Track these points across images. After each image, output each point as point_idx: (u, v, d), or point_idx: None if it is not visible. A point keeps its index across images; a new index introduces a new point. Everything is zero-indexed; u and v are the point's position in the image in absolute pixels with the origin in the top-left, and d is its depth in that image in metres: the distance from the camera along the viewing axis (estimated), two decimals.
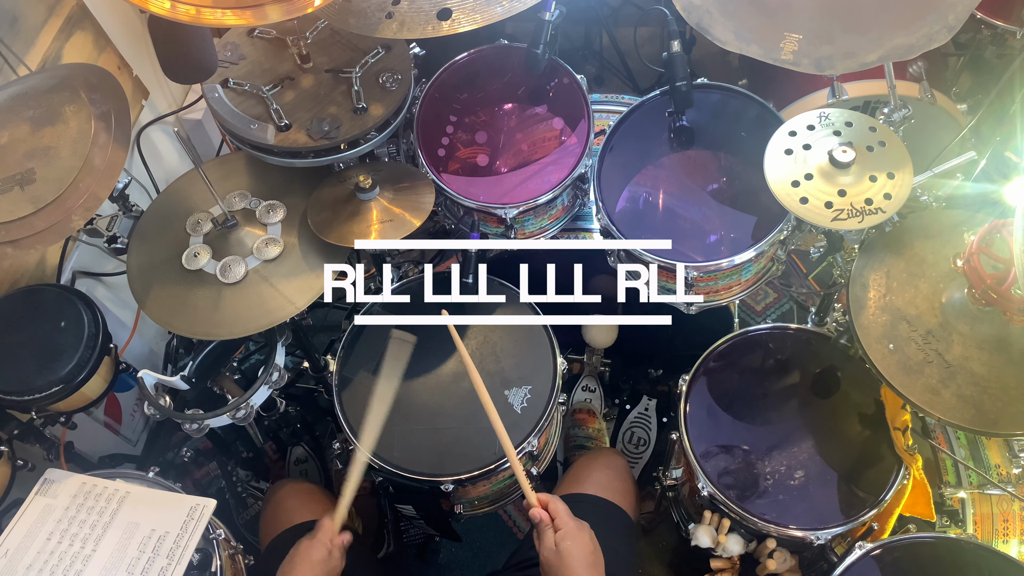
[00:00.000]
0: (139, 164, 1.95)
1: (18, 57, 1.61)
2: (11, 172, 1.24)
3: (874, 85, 1.62)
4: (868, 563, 1.30)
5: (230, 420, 1.49)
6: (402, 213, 1.45)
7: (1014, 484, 1.47)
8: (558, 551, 1.11)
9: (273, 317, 1.42)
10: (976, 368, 1.23)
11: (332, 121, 1.50)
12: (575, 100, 1.64)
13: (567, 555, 1.11)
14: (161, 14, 1.10)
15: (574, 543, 1.12)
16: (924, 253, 1.35)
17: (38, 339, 1.41)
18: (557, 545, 1.12)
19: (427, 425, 1.49)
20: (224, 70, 1.57)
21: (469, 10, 1.39)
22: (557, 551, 1.11)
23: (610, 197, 1.56)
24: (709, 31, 1.31)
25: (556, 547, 1.12)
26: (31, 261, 1.68)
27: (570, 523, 1.15)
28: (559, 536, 1.13)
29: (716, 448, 1.48)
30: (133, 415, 2.03)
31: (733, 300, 1.59)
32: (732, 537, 1.44)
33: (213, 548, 1.32)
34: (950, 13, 1.19)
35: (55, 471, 1.35)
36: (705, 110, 1.61)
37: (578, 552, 1.11)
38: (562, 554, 1.11)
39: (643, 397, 2.10)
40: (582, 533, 1.14)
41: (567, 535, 1.13)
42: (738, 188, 1.54)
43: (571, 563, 1.10)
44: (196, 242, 1.49)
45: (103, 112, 1.28)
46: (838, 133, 1.32)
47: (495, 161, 1.65)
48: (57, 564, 1.23)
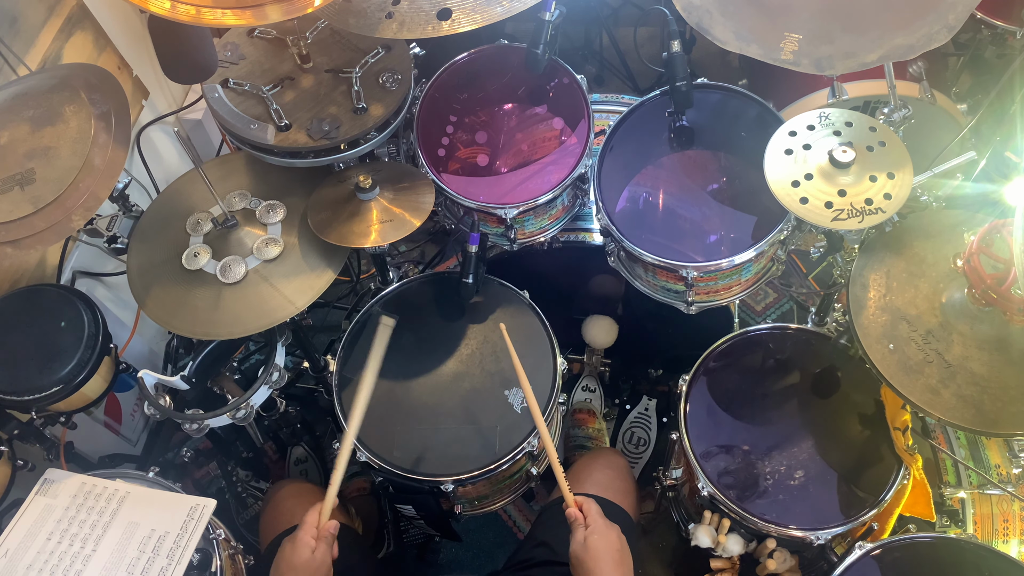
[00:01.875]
0: (139, 164, 1.95)
1: (18, 57, 1.61)
2: (11, 172, 1.24)
3: (874, 85, 1.62)
4: (868, 563, 1.30)
5: (230, 420, 1.49)
6: (402, 213, 1.45)
7: (1014, 484, 1.47)
8: (586, 546, 1.17)
9: (273, 317, 1.42)
10: (976, 368, 1.23)
11: (332, 121, 1.50)
12: (575, 100, 1.64)
13: (594, 550, 1.16)
14: (161, 14, 1.10)
15: (602, 539, 1.17)
16: (924, 253, 1.35)
17: (38, 339, 1.41)
18: (586, 540, 1.17)
19: (427, 425, 1.49)
20: (224, 70, 1.57)
21: (469, 10, 1.39)
22: (585, 546, 1.17)
23: (610, 197, 1.56)
24: (709, 31, 1.31)
25: (585, 542, 1.17)
26: (31, 261, 1.68)
27: (600, 522, 1.20)
28: (588, 532, 1.18)
29: (716, 448, 1.48)
30: (133, 415, 2.03)
31: (733, 300, 1.59)
32: (732, 537, 1.44)
33: (213, 548, 1.32)
34: (950, 13, 1.19)
35: (55, 471, 1.35)
36: (705, 110, 1.61)
37: (605, 548, 1.17)
38: (589, 549, 1.16)
39: (643, 397, 2.10)
40: (610, 532, 1.19)
41: (595, 531, 1.18)
42: (738, 188, 1.54)
43: (598, 558, 1.15)
44: (196, 242, 1.49)
45: (103, 112, 1.28)
46: (838, 133, 1.32)
47: (495, 161, 1.65)
48: (57, 564, 1.23)
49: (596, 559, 1.15)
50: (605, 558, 1.16)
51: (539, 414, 1.33)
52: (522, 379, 1.35)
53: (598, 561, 1.15)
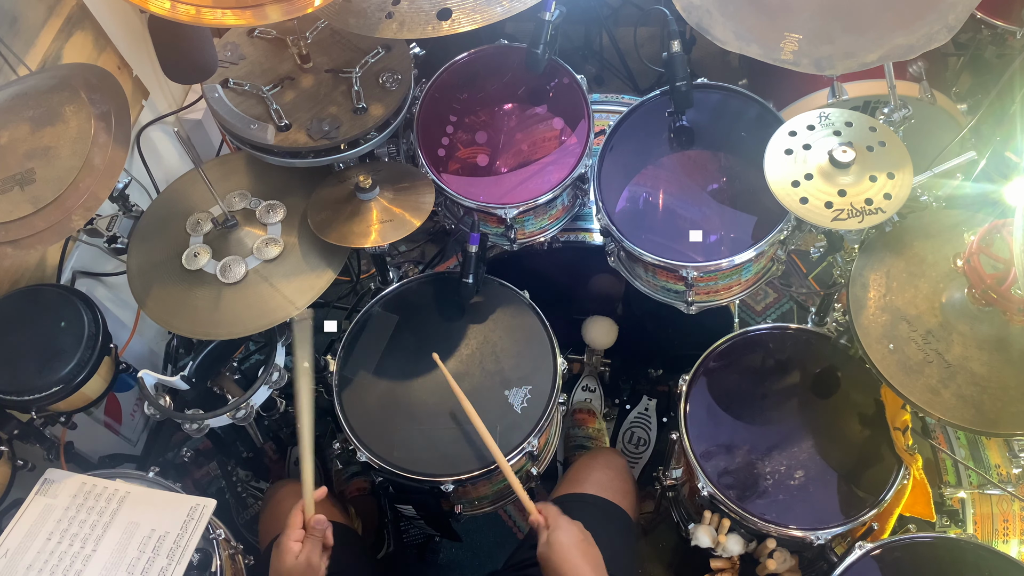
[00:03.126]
0: (139, 164, 1.95)
1: (18, 57, 1.61)
2: (11, 172, 1.24)
3: (874, 85, 1.62)
4: (868, 563, 1.30)
5: (230, 420, 1.49)
6: (402, 213, 1.45)
7: (1014, 484, 1.47)
8: (550, 543, 1.20)
9: (273, 317, 1.42)
10: (976, 368, 1.23)
11: (332, 121, 1.50)
12: (575, 100, 1.64)
13: (557, 544, 1.19)
14: (161, 14, 1.10)
15: (564, 533, 1.21)
16: (924, 253, 1.35)
17: (38, 339, 1.41)
18: (549, 539, 1.20)
19: (427, 425, 1.49)
20: (224, 70, 1.57)
21: (469, 10, 1.39)
22: (549, 543, 1.20)
23: (610, 197, 1.56)
24: (709, 31, 1.31)
25: (548, 541, 1.20)
26: (31, 261, 1.68)
27: (560, 519, 1.23)
28: (550, 531, 1.21)
29: (716, 448, 1.48)
30: (133, 415, 2.03)
31: (733, 300, 1.59)
32: (732, 537, 1.44)
33: (213, 548, 1.32)
34: (950, 13, 1.19)
35: (55, 471, 1.35)
36: (705, 110, 1.61)
37: (568, 540, 1.20)
38: (553, 545, 1.19)
39: (643, 397, 2.10)
40: (572, 526, 1.23)
41: (557, 527, 1.21)
42: (738, 188, 1.54)
43: (562, 551, 1.18)
44: (196, 242, 1.49)
45: (103, 112, 1.28)
46: (838, 133, 1.32)
47: (495, 161, 1.65)
48: (57, 564, 1.23)
49: (561, 554, 1.18)
50: (571, 551, 1.18)
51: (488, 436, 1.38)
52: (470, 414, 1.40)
53: (564, 555, 1.18)
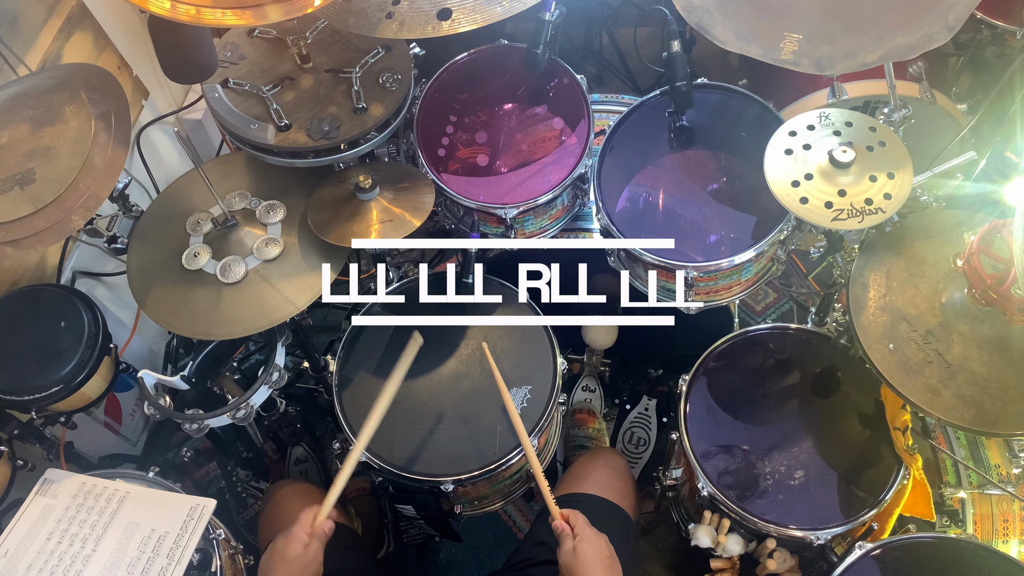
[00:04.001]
0: (139, 164, 1.95)
1: (18, 57, 1.61)
2: (11, 172, 1.24)
3: (874, 85, 1.62)
4: (868, 563, 1.30)
5: (230, 420, 1.49)
6: (402, 213, 1.45)
7: (1014, 484, 1.47)
8: (575, 553, 1.17)
9: (273, 317, 1.42)
10: (976, 368, 1.23)
11: (332, 121, 1.50)
12: (575, 100, 1.64)
13: (583, 556, 1.16)
14: (161, 14, 1.10)
15: (591, 546, 1.18)
16: (924, 253, 1.35)
17: (38, 339, 1.41)
18: (575, 548, 1.17)
19: (427, 425, 1.49)
20: (224, 70, 1.57)
21: (469, 10, 1.39)
22: (574, 553, 1.17)
23: (610, 197, 1.56)
24: (709, 31, 1.31)
25: (574, 550, 1.17)
26: (31, 261, 1.68)
27: (588, 530, 1.20)
28: (577, 540, 1.18)
29: (716, 448, 1.48)
30: (133, 415, 2.03)
31: (733, 300, 1.59)
32: (732, 537, 1.44)
33: (213, 548, 1.32)
34: (950, 13, 1.19)
35: (55, 471, 1.35)
36: (705, 110, 1.61)
37: (594, 554, 1.16)
38: (579, 556, 1.16)
39: (643, 397, 2.10)
40: (599, 539, 1.20)
41: (584, 539, 1.18)
42: (738, 188, 1.54)
43: (587, 564, 1.15)
44: (196, 242, 1.49)
45: (103, 112, 1.28)
46: (838, 133, 1.32)
47: (495, 161, 1.65)
48: (57, 564, 1.23)
49: (587, 566, 1.15)
50: (597, 567, 1.16)
51: (523, 431, 1.37)
52: (507, 399, 1.40)
53: (589, 569, 1.15)
